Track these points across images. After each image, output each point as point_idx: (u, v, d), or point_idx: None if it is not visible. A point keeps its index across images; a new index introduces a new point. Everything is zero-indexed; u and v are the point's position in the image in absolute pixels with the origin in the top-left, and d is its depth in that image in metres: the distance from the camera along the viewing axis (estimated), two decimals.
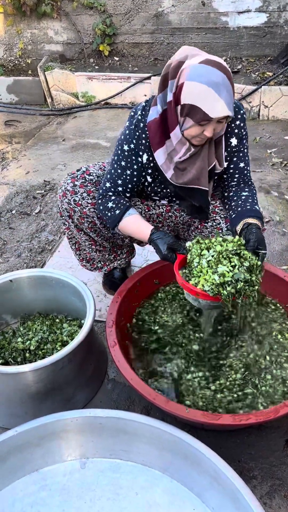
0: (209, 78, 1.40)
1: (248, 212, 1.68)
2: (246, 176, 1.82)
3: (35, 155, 4.20)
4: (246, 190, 1.79)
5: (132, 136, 1.68)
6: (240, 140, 1.74)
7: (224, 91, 1.42)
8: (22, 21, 5.78)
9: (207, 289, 1.42)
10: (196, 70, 1.42)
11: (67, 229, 1.98)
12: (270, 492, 1.46)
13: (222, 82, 1.41)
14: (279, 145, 4.13)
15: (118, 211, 1.73)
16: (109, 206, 1.74)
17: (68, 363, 1.61)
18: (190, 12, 5.39)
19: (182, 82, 1.45)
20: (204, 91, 1.41)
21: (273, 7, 5.18)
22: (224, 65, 1.44)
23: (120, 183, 1.76)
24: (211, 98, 1.41)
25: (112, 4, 5.50)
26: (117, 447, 1.47)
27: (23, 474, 1.45)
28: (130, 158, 1.72)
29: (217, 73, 1.41)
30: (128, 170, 1.74)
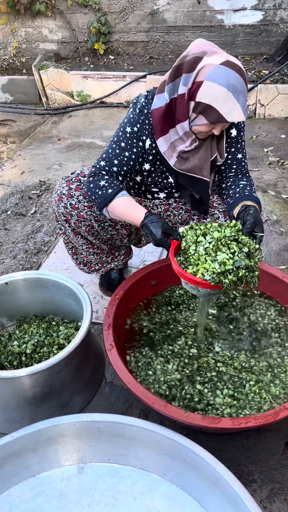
0: (229, 81, 1.42)
1: (246, 197, 1.67)
2: (243, 167, 1.83)
3: (30, 155, 4.17)
4: (244, 179, 1.80)
5: (137, 120, 1.67)
6: (239, 131, 1.77)
7: (241, 96, 1.44)
8: (16, 19, 5.74)
9: (208, 278, 1.39)
10: (218, 71, 1.43)
11: (63, 234, 1.96)
12: (270, 496, 1.45)
13: (241, 87, 1.44)
14: (276, 143, 4.11)
15: (110, 190, 1.66)
16: (100, 184, 1.67)
17: (65, 366, 1.59)
18: (185, 10, 5.37)
19: (201, 80, 1.46)
20: (223, 94, 1.43)
21: (269, 5, 5.16)
22: (242, 68, 1.46)
23: (116, 163, 1.71)
24: (229, 102, 1.44)
25: (106, 2, 5.47)
26: (115, 452, 1.45)
27: (20, 480, 1.43)
28: (131, 140, 1.69)
29: (237, 77, 1.43)
30: (127, 152, 1.71)
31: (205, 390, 1.54)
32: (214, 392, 1.53)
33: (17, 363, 1.76)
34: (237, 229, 1.48)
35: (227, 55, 1.48)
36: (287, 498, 1.44)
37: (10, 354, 1.79)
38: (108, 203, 1.66)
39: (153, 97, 1.65)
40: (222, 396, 1.51)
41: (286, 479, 1.49)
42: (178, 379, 1.57)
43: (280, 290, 1.84)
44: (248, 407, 1.47)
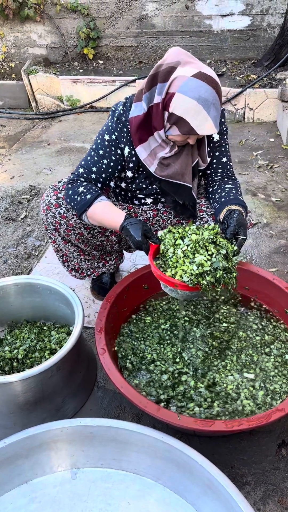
0: (200, 94, 1.42)
1: (231, 201, 1.69)
2: (229, 170, 1.84)
3: (20, 159, 4.16)
4: (229, 183, 1.82)
5: (115, 128, 1.67)
6: (221, 135, 1.77)
7: (212, 108, 1.44)
8: (5, 24, 5.74)
9: (186, 280, 1.40)
10: (189, 83, 1.43)
11: (53, 242, 1.95)
12: (263, 498, 1.45)
13: (212, 99, 1.43)
14: (265, 147, 4.14)
15: (89, 195, 1.66)
16: (79, 191, 1.68)
17: (57, 371, 1.58)
18: (174, 15, 5.41)
19: (173, 92, 1.46)
20: (194, 107, 1.43)
21: (256, 10, 5.22)
22: (215, 80, 1.46)
23: (94, 170, 1.72)
24: (200, 116, 1.44)
25: (95, 8, 5.49)
26: (108, 456, 1.44)
27: (12, 486, 1.42)
28: (109, 148, 1.70)
29: (208, 89, 1.43)
30: (105, 159, 1.71)
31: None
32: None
33: (8, 368, 1.75)
34: (215, 232, 1.50)
35: (201, 65, 1.47)
36: (280, 500, 1.45)
37: (1, 360, 1.77)
38: (87, 208, 1.66)
39: (131, 105, 1.64)
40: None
41: (279, 480, 1.50)
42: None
43: (270, 292, 1.85)
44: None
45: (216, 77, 1.47)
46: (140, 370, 1.63)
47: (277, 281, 1.82)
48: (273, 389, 1.54)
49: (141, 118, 1.59)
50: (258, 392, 1.53)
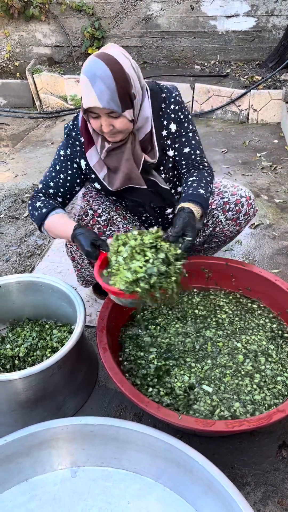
0: (89, 69, 1.42)
1: (187, 197, 1.60)
2: (194, 160, 1.74)
3: (23, 158, 4.17)
4: (194, 174, 1.71)
5: (66, 145, 1.72)
6: (179, 124, 1.69)
7: (99, 82, 1.40)
8: (10, 23, 5.75)
9: (122, 288, 1.35)
10: (87, 61, 1.44)
11: (73, 259, 1.98)
12: (263, 499, 1.45)
13: (101, 73, 1.40)
14: (268, 148, 4.14)
15: (45, 209, 1.69)
16: (37, 206, 1.71)
17: (58, 370, 1.58)
18: (179, 15, 5.41)
19: None
20: (83, 81, 1.43)
21: (261, 11, 5.22)
22: (115, 59, 1.42)
23: (52, 185, 1.75)
24: (85, 88, 1.43)
25: (100, 7, 5.50)
26: (108, 455, 1.44)
27: (12, 484, 1.42)
28: (65, 163, 1.73)
29: (99, 64, 1.40)
30: (61, 174, 1.74)
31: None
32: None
33: (10, 366, 1.75)
34: (156, 236, 1.42)
35: (112, 49, 1.46)
36: (280, 501, 1.44)
37: (3, 358, 1.77)
38: (43, 222, 1.69)
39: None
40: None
41: (280, 481, 1.49)
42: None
43: (272, 293, 1.85)
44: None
45: (120, 58, 1.43)
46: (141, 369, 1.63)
47: (280, 282, 1.81)
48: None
49: (83, 121, 1.62)
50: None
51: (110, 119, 1.48)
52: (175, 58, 5.75)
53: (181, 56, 5.73)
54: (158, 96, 1.64)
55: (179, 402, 1.51)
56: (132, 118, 1.52)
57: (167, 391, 1.56)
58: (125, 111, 1.47)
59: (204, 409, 1.49)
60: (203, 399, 1.52)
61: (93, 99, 1.42)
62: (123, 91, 1.44)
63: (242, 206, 1.85)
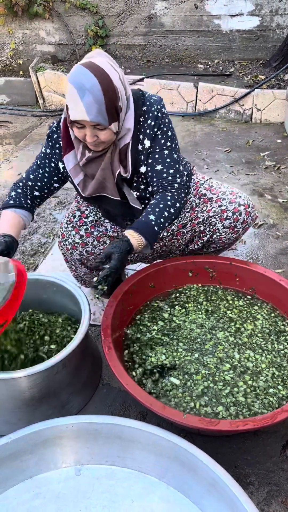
0: (77, 79, 1.40)
1: (135, 224, 1.62)
2: (165, 180, 1.68)
3: (26, 156, 4.17)
4: (156, 197, 1.69)
5: (47, 145, 1.74)
6: (154, 140, 1.65)
7: (88, 95, 1.38)
8: (14, 21, 5.74)
9: None
10: (73, 70, 1.43)
11: (66, 260, 2.00)
12: (267, 498, 1.45)
13: (90, 86, 1.38)
14: (272, 148, 4.14)
15: (11, 201, 1.76)
16: (11, 193, 1.79)
17: (62, 368, 1.58)
18: (183, 14, 5.40)
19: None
20: (70, 91, 1.42)
21: (266, 11, 5.21)
22: (103, 70, 1.41)
23: (31, 177, 1.79)
24: (73, 99, 1.42)
25: (104, 6, 5.49)
26: (112, 454, 1.44)
27: (17, 481, 1.42)
28: (44, 160, 1.76)
29: (88, 75, 1.39)
30: (41, 169, 1.78)
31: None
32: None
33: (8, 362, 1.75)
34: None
35: (101, 59, 1.45)
36: (284, 500, 1.44)
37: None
38: (2, 209, 1.77)
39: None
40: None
41: (283, 481, 1.49)
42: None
43: (276, 293, 1.85)
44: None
45: (108, 69, 1.42)
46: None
47: (284, 282, 1.81)
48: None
49: (64, 125, 1.61)
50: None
51: (95, 130, 1.49)
52: (178, 57, 5.74)
53: (185, 55, 5.72)
54: (139, 108, 1.62)
55: (147, 379, 1.57)
56: (117, 130, 1.53)
57: (140, 362, 1.62)
58: (111, 124, 1.48)
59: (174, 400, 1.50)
60: (172, 392, 1.53)
61: (81, 111, 1.41)
62: (111, 104, 1.43)
63: (240, 215, 1.83)
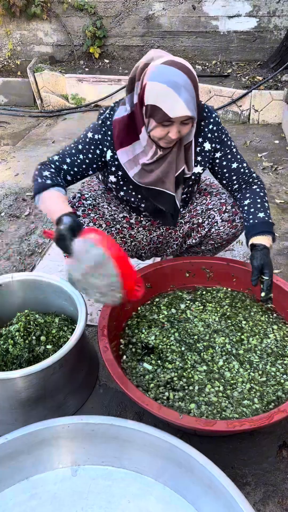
0: (168, 77, 1.40)
1: (253, 230, 1.68)
2: (244, 174, 1.79)
3: (24, 156, 4.17)
4: (247, 196, 1.77)
5: (99, 130, 1.66)
6: (221, 143, 1.73)
7: (184, 91, 1.40)
8: (11, 22, 5.74)
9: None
10: (157, 70, 1.42)
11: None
12: (263, 499, 1.45)
13: (183, 83, 1.40)
14: (270, 149, 4.14)
15: (49, 181, 1.63)
16: (43, 174, 1.65)
17: (59, 368, 1.58)
18: (180, 15, 5.41)
19: (145, 83, 1.45)
20: (163, 91, 1.40)
21: (263, 12, 5.21)
22: (187, 67, 1.43)
23: (68, 161, 1.70)
24: (170, 98, 1.41)
25: (102, 7, 5.49)
26: (109, 454, 1.44)
27: (13, 482, 1.42)
28: (88, 145, 1.68)
29: (178, 73, 1.40)
30: (81, 154, 1.69)
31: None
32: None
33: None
34: None
35: (172, 57, 1.46)
36: (280, 501, 1.44)
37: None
38: (42, 191, 1.62)
39: (118, 108, 1.64)
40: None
41: (280, 481, 1.49)
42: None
43: (273, 293, 1.85)
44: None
45: (189, 65, 1.44)
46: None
47: (281, 282, 1.82)
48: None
49: (125, 120, 1.58)
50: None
51: (181, 126, 1.49)
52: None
53: (183, 56, 5.72)
54: (199, 113, 1.63)
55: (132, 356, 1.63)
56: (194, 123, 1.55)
57: (131, 335, 1.72)
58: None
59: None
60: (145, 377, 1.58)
61: (182, 108, 1.41)
62: (197, 98, 1.48)
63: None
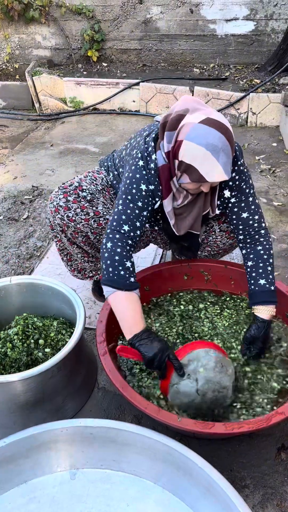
0: (208, 140, 1.38)
1: (252, 297, 1.70)
2: (251, 227, 1.72)
3: (22, 160, 4.17)
4: (251, 256, 1.72)
5: (152, 180, 1.57)
6: (239, 191, 1.67)
7: (222, 155, 1.40)
8: (10, 26, 5.76)
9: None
10: (195, 130, 1.40)
11: (58, 241, 1.95)
12: (262, 501, 1.45)
13: (222, 145, 1.39)
14: (267, 151, 4.15)
15: (132, 279, 1.53)
16: (126, 265, 1.53)
17: (57, 372, 1.58)
18: (178, 19, 5.43)
19: (181, 140, 1.43)
20: (202, 154, 1.39)
21: (260, 15, 5.23)
22: (225, 125, 1.42)
23: (138, 225, 1.58)
24: (208, 163, 1.40)
25: (100, 10, 5.51)
26: (108, 457, 1.44)
27: (12, 486, 1.42)
28: (147, 199, 1.59)
29: (216, 135, 1.39)
30: (145, 211, 1.59)
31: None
32: None
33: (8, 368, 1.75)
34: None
35: (209, 111, 1.44)
36: (279, 503, 1.44)
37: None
38: (124, 290, 1.50)
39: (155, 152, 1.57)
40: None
41: (278, 484, 1.50)
42: None
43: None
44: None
45: (226, 122, 1.43)
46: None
47: (279, 284, 1.82)
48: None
49: (168, 167, 1.54)
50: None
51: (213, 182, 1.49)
52: (174, 61, 5.76)
53: (181, 59, 5.74)
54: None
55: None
56: None
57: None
58: None
59: None
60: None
61: (220, 173, 1.41)
62: (233, 154, 1.48)
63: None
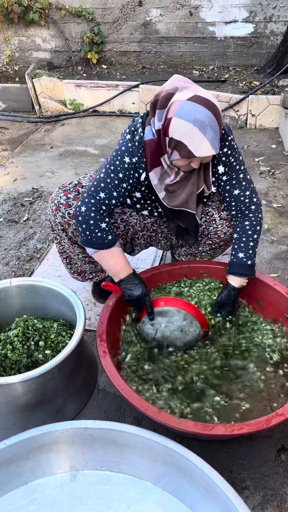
0: (195, 116, 1.41)
1: (229, 267, 1.83)
2: (243, 203, 1.78)
3: (22, 162, 4.18)
4: (237, 229, 1.82)
5: (136, 152, 1.63)
6: (230, 167, 1.72)
7: (209, 130, 1.43)
8: (10, 28, 5.77)
9: None
10: (184, 107, 1.43)
11: (58, 243, 1.95)
12: (262, 503, 1.45)
13: (208, 121, 1.42)
14: (267, 153, 4.16)
15: (110, 237, 1.67)
16: (101, 226, 1.66)
17: (58, 373, 1.58)
18: (177, 21, 5.44)
19: (170, 117, 1.47)
20: (190, 130, 1.43)
21: (260, 17, 5.25)
22: (212, 102, 1.45)
23: (115, 195, 1.68)
24: (196, 138, 1.43)
25: (100, 13, 5.53)
26: (108, 459, 1.44)
27: (12, 487, 1.42)
28: (129, 172, 1.66)
29: (204, 111, 1.42)
30: (124, 183, 1.68)
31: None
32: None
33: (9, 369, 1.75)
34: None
35: (198, 89, 1.47)
36: (279, 505, 1.45)
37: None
38: (104, 248, 1.69)
39: (144, 128, 1.63)
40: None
41: (279, 485, 1.50)
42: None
43: (271, 297, 1.86)
44: None
45: (213, 99, 1.46)
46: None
47: (278, 286, 1.82)
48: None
49: (156, 141, 1.58)
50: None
51: (204, 157, 1.51)
52: (174, 63, 5.78)
53: (180, 62, 5.76)
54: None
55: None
56: None
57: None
58: None
59: None
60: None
61: (207, 148, 1.44)
62: (220, 131, 1.51)
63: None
